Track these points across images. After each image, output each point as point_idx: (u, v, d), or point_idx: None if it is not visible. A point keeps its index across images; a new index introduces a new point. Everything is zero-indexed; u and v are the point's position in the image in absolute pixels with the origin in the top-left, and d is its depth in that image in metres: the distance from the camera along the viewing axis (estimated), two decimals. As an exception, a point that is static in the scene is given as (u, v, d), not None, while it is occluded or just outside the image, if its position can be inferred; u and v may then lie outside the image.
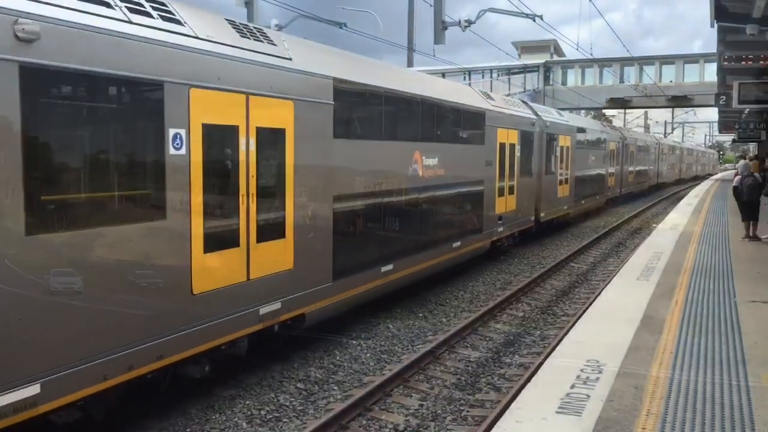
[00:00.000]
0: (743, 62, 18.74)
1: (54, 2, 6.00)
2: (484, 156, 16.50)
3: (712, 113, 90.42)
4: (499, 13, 23.08)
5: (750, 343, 7.72)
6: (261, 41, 8.85)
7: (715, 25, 15.11)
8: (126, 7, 6.81)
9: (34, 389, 5.80)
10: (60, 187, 6.14)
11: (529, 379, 7.28)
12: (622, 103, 50.29)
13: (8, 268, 5.59)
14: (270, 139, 8.80)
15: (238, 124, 8.19)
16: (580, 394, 6.05)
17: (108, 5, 6.61)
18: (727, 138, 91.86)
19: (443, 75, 36.17)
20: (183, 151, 7.34)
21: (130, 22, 6.73)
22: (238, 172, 8.21)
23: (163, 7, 7.42)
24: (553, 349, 8.73)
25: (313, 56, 10.09)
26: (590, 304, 11.31)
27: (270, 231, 8.78)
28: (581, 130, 27.83)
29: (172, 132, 7.20)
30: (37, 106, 5.89)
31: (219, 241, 7.91)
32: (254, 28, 9.18)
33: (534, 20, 21.94)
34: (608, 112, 69.94)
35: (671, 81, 48.22)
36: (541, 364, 8.08)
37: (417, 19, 22.13)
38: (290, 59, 9.25)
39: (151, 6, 7.21)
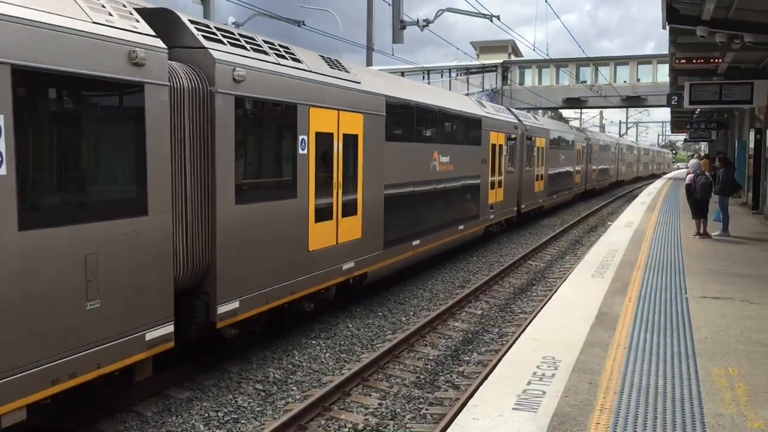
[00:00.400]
0: (694, 63, 19.20)
1: (249, 56, 9.23)
2: (481, 155, 19.70)
3: (665, 113, 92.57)
4: (456, 13, 23.22)
5: (700, 337, 7.90)
6: (342, 70, 11.99)
7: (667, 27, 15.41)
8: (274, 53, 10.00)
9: (234, 304, 8.97)
10: (247, 175, 9.34)
11: (486, 377, 7.34)
12: (577, 103, 51.06)
13: (225, 223, 8.75)
14: (350, 142, 11.97)
15: (333, 132, 11.36)
16: (536, 390, 6.12)
17: (266, 53, 9.78)
18: (680, 138, 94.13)
19: (402, 74, 36.22)
20: (305, 151, 10.50)
21: (278, 64, 9.88)
22: (332, 166, 11.39)
23: (291, 53, 10.52)
24: (511, 346, 8.82)
25: (372, 80, 13.33)
26: (547, 301, 11.47)
27: (349, 209, 12.06)
28: (553, 132, 31.51)
29: (300, 138, 10.39)
30: (243, 122, 9.11)
31: (322, 214, 11.11)
32: (335, 60, 12.16)
33: (491, 20, 22.14)
34: (565, 112, 70.97)
35: (625, 81, 49.12)
36: (498, 361, 8.15)
37: (376, 18, 22.15)
38: (359, 83, 12.39)
39: (284, 51, 10.35)
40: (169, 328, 7.82)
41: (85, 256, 6.66)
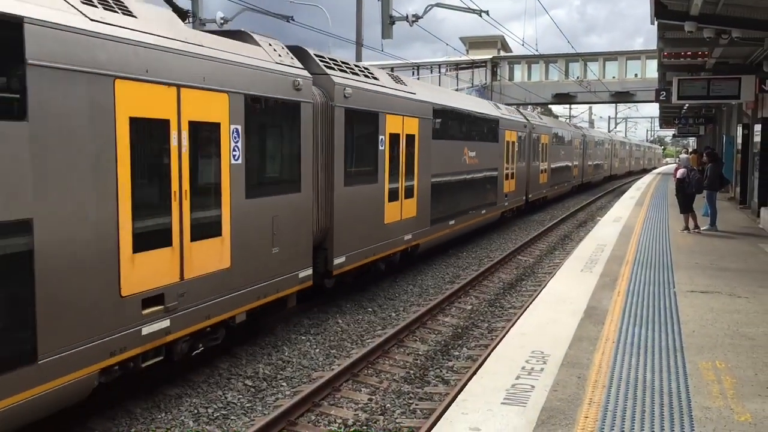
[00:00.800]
0: (682, 58, 19.27)
1: (351, 78, 12.41)
2: (498, 150, 23.11)
3: (654, 109, 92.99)
4: (446, 8, 23.20)
5: (688, 331, 7.95)
6: (402, 83, 15.29)
7: (656, 22, 15.45)
8: (363, 75, 13.22)
9: (342, 259, 12.19)
10: (350, 165, 12.34)
11: (476, 371, 7.35)
12: (567, 99, 51.16)
13: (338, 199, 11.90)
14: (409, 141, 15.11)
15: (399, 133, 14.51)
16: (525, 384, 6.14)
17: (367, 76, 13.30)
18: (668, 133, 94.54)
19: (392, 69, 36.18)
20: (383, 148, 13.72)
21: (367, 83, 13.14)
22: (398, 159, 14.56)
23: (371, 73, 13.83)
24: (500, 341, 8.84)
25: (422, 91, 16.59)
26: (536, 296, 11.49)
27: (409, 193, 15.22)
28: (555, 130, 35.19)
29: (380, 137, 13.62)
30: (348, 126, 12.20)
31: (392, 196, 14.33)
32: (396, 76, 15.78)
33: (480, 15, 22.14)
34: (554, 108, 71.09)
35: (614, 77, 49.25)
36: (487, 356, 8.17)
37: (365, 13, 22.10)
38: (415, 93, 15.56)
39: (368, 72, 13.70)
40: (310, 271, 11.04)
41: (272, 217, 9.85)
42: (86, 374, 6.80)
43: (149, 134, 7.61)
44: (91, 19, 6.83)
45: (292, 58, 10.59)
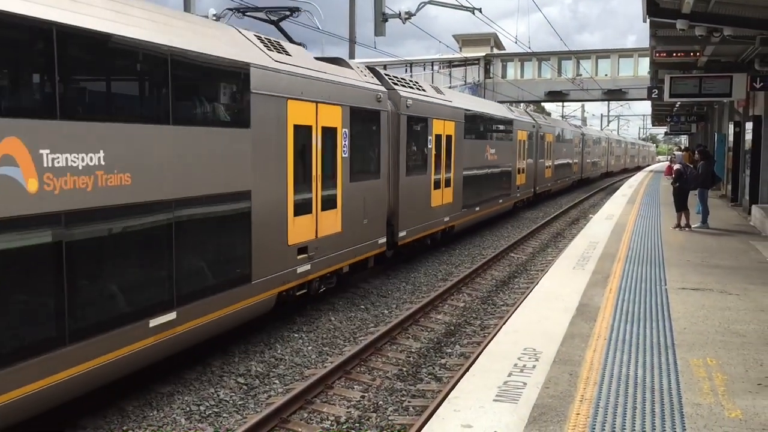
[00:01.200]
0: (674, 56, 19.31)
1: (408, 90, 15.58)
2: (512, 148, 26.71)
3: (646, 106, 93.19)
4: (438, 5, 23.17)
5: (679, 328, 7.98)
6: (441, 93, 18.91)
7: (648, 20, 15.48)
8: (416, 87, 16.72)
9: (404, 233, 15.49)
10: (409, 159, 15.83)
11: (468, 369, 7.36)
12: (559, 97, 51.20)
13: (402, 185, 15.28)
14: (448, 140, 18.53)
15: (441, 134, 17.84)
16: (517, 381, 6.15)
17: (419, 89, 16.72)
18: (660, 131, 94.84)
19: (385, 67, 36.16)
20: (430, 146, 17.14)
21: (419, 94, 16.53)
22: (440, 156, 17.94)
23: (420, 86, 17.29)
24: (492, 338, 8.86)
25: (456, 98, 20.47)
26: (528, 293, 11.50)
27: (447, 183, 18.57)
28: (558, 129, 38.94)
29: (429, 138, 16.99)
30: (409, 130, 15.60)
31: (437, 185, 17.73)
32: (436, 87, 19.83)
33: (473, 13, 22.13)
34: (547, 105, 71.19)
35: (606, 75, 49.33)
36: (480, 353, 8.18)
37: (358, 10, 22.08)
38: (451, 101, 19.28)
39: (418, 85, 17.17)
40: (384, 240, 14.60)
41: (364, 197, 13.38)
42: (272, 294, 10.29)
43: (302, 135, 10.98)
44: (275, 60, 10.20)
45: (372, 77, 14.18)
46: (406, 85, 16.15)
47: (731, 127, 25.35)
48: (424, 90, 17.37)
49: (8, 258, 6.15)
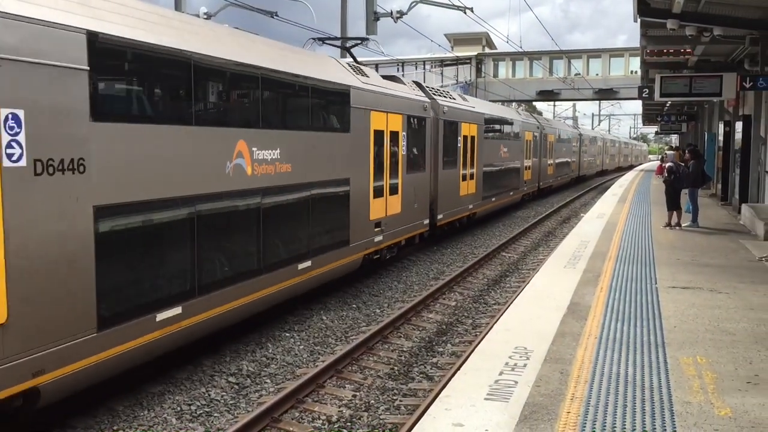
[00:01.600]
0: (664, 56, 19.39)
1: (444, 99, 19.51)
2: (521, 147, 30.10)
3: (637, 106, 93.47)
4: (430, 4, 23.19)
5: (669, 327, 8.02)
6: (466, 101, 22.50)
7: (638, 20, 15.55)
8: (449, 97, 20.50)
9: (441, 215, 19.29)
10: (444, 155, 19.35)
11: (460, 368, 7.37)
12: (551, 96, 51.32)
13: (439, 177, 19.00)
14: (472, 140, 21.95)
15: (467, 135, 21.25)
16: (509, 380, 6.16)
17: (450, 98, 20.46)
18: (651, 130, 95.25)
19: (376, 66, 36.15)
20: (460, 145, 20.57)
21: (451, 102, 20.30)
22: (467, 154, 21.33)
23: (451, 96, 20.96)
24: (484, 337, 8.87)
25: (476, 104, 24.06)
26: (520, 292, 11.53)
27: (471, 176, 21.96)
28: (558, 130, 42.31)
29: (458, 138, 20.48)
30: (445, 132, 19.43)
31: (463, 178, 21.02)
32: (463, 96, 23.38)
33: (465, 12, 22.15)
34: (538, 105, 71.39)
35: (597, 74, 49.49)
36: (471, 352, 8.19)
37: (349, 10, 22.05)
38: (474, 107, 22.78)
39: (450, 95, 20.88)
40: (428, 221, 18.07)
41: (414, 186, 16.72)
42: (360, 256, 13.86)
43: (378, 138, 14.51)
44: (362, 82, 13.86)
45: (419, 90, 17.93)
46: (441, 94, 19.71)
47: (721, 126, 25.48)
48: (453, 98, 20.86)
49: (240, 214, 9.78)
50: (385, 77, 16.34)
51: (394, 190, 15.54)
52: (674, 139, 77.34)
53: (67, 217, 6.77)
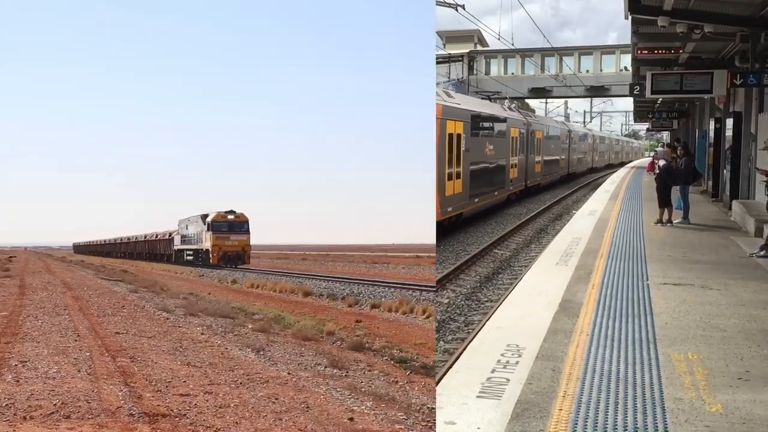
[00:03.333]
0: (655, 53, 19.44)
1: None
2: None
3: (628, 103, 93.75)
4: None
5: (661, 323, 8.03)
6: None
7: (629, 17, 15.57)
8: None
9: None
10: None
11: (452, 365, 7.36)
12: (543, 93, 51.45)
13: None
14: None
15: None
16: (501, 378, 6.16)
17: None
18: (643, 127, 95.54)
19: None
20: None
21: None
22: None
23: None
24: (476, 334, 8.87)
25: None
26: (512, 289, 11.54)
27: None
28: (547, 127, 42.83)
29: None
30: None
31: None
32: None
33: (456, 10, 22.15)
34: (530, 102, 71.47)
35: (588, 71, 49.59)
36: (464, 349, 8.19)
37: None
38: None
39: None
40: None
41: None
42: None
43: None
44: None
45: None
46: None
47: (712, 123, 25.58)
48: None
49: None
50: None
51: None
52: (665, 135, 77.57)
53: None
